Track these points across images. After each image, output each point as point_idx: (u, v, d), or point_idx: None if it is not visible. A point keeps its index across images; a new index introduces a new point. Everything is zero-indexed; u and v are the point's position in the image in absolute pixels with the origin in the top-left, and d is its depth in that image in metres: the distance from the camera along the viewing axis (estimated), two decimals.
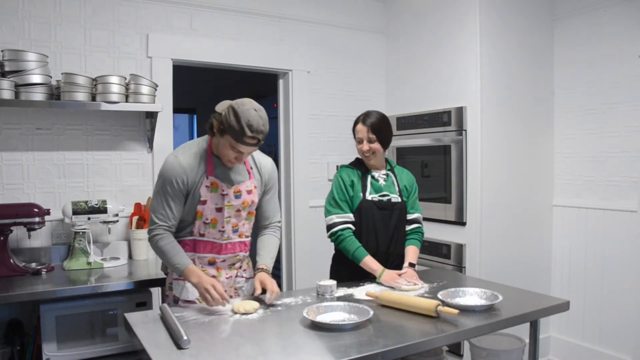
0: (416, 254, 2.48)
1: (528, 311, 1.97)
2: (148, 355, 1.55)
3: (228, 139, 1.94)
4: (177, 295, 2.10)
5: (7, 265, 2.55)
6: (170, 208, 2.03)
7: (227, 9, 3.38)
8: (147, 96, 2.86)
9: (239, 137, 1.91)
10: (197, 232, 2.10)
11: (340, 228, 2.38)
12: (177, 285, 2.11)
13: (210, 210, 2.06)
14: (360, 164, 2.50)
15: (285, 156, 3.74)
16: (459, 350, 3.24)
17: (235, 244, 2.16)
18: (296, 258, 3.68)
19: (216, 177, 2.06)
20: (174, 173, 2.01)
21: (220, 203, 2.07)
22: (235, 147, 1.95)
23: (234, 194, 2.09)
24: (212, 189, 2.05)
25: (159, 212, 2.04)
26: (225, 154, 2.00)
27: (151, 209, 2.07)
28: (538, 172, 3.55)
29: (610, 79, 3.25)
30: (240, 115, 1.90)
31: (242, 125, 1.89)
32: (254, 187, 2.16)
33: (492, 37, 3.28)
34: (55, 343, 2.38)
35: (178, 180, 2.01)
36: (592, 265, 3.38)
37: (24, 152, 2.84)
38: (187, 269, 1.99)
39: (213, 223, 2.08)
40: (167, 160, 2.06)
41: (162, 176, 2.04)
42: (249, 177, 2.16)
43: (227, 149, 1.98)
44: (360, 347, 1.59)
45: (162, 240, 2.03)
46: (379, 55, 4.02)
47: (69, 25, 2.92)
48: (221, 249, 2.12)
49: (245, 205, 2.13)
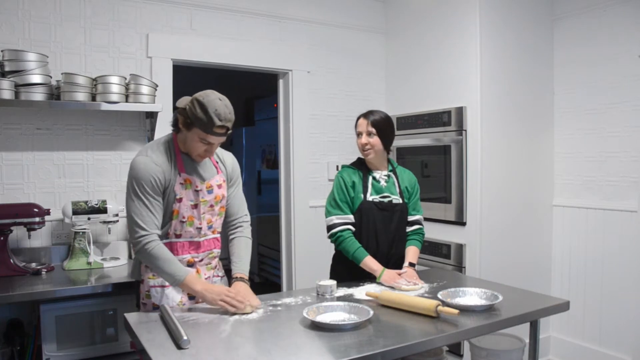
0: (416, 254, 2.48)
1: (528, 311, 1.97)
2: (148, 355, 1.55)
3: (197, 132, 1.93)
4: (157, 303, 2.02)
5: (7, 265, 2.55)
6: (154, 210, 1.95)
7: (227, 9, 3.38)
8: (147, 96, 2.86)
9: (208, 128, 1.90)
10: (172, 234, 2.04)
11: (340, 229, 2.38)
12: (156, 293, 2.03)
13: (187, 208, 2.03)
14: (362, 164, 2.50)
15: (285, 156, 3.74)
16: (459, 350, 3.24)
17: (210, 241, 2.14)
18: (296, 258, 3.68)
19: (187, 173, 2.04)
20: (151, 171, 1.94)
21: (195, 199, 2.04)
22: (205, 139, 1.94)
23: (206, 189, 2.07)
24: (186, 185, 2.02)
25: (143, 217, 1.93)
26: (195, 147, 1.98)
27: (132, 215, 1.94)
28: (538, 172, 3.55)
29: (610, 79, 3.25)
30: (207, 106, 1.89)
31: (210, 116, 1.88)
32: (223, 181, 2.16)
33: (492, 37, 3.28)
34: (55, 343, 2.38)
35: (155, 178, 1.95)
36: (592, 265, 3.38)
37: (24, 152, 2.84)
38: (188, 276, 1.94)
39: (190, 221, 2.05)
40: (138, 160, 1.97)
41: (138, 177, 1.94)
42: (217, 172, 2.15)
43: (196, 142, 1.96)
44: (360, 347, 1.59)
45: (157, 248, 1.93)
46: (378, 55, 4.02)
47: (69, 25, 2.92)
48: (199, 246, 2.09)
49: (217, 199, 2.12)
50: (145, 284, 2.06)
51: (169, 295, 2.03)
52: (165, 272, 1.95)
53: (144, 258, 1.97)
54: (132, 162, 2.00)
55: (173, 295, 2.03)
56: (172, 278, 1.94)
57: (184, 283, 1.94)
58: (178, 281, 1.94)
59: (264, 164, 5.79)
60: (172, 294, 2.03)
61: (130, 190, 1.96)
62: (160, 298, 2.03)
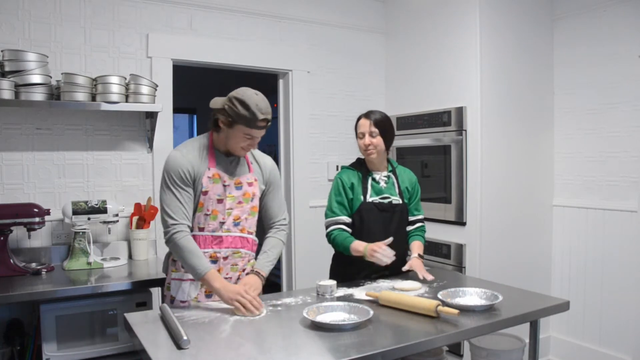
0: (421, 248, 2.51)
1: (528, 311, 1.97)
2: (148, 355, 1.55)
3: (240, 129, 1.99)
4: (174, 296, 2.09)
5: (7, 265, 2.55)
6: (184, 201, 2.02)
7: (227, 9, 3.38)
8: (147, 96, 2.86)
9: (252, 123, 1.97)
10: (196, 227, 2.09)
11: (332, 229, 2.41)
12: (175, 286, 2.10)
13: (212, 202, 2.07)
14: (362, 164, 2.50)
15: (285, 156, 3.75)
16: (459, 350, 3.24)
17: (236, 239, 2.14)
18: (296, 258, 3.68)
19: (217, 168, 2.09)
20: (180, 164, 2.03)
21: (221, 194, 2.08)
22: (249, 134, 2.00)
23: (235, 185, 2.11)
24: (214, 179, 2.07)
25: (173, 207, 2.01)
26: (237, 143, 2.04)
27: (163, 205, 2.03)
28: (538, 172, 3.55)
29: (610, 79, 3.25)
30: (247, 102, 1.96)
31: (252, 111, 1.95)
32: (255, 179, 2.18)
33: (492, 37, 3.28)
34: (55, 343, 2.38)
35: (185, 170, 2.02)
36: (592, 265, 3.38)
37: (24, 152, 2.84)
38: (210, 272, 1.97)
39: (214, 215, 2.08)
40: (170, 155, 2.08)
41: (169, 170, 2.04)
42: (249, 170, 2.18)
43: (239, 138, 2.02)
44: (360, 347, 1.59)
45: (185, 239, 1.99)
46: (378, 55, 4.02)
47: (69, 25, 2.92)
48: (221, 241, 2.11)
49: (247, 197, 2.14)
50: (169, 277, 2.13)
51: (185, 290, 2.08)
52: (189, 264, 1.98)
53: (171, 247, 2.03)
54: (167, 156, 2.10)
55: (190, 290, 2.07)
56: (194, 271, 1.98)
57: (205, 278, 1.97)
58: (199, 275, 1.97)
59: None
60: (189, 289, 2.07)
61: (162, 182, 2.06)
62: (177, 291, 2.08)
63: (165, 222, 2.02)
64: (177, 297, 2.09)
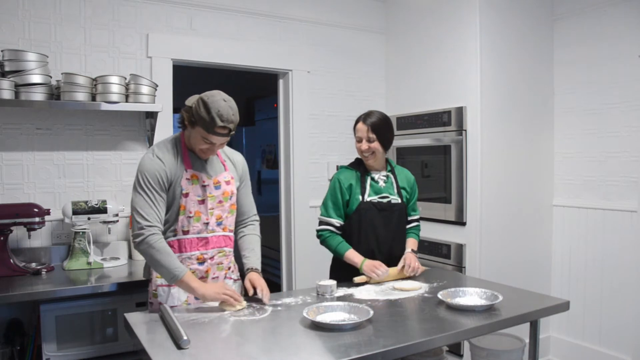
0: (416, 244, 2.56)
1: (528, 311, 1.97)
2: (148, 355, 1.55)
3: (199, 131, 1.96)
4: (163, 302, 2.02)
5: (7, 265, 2.55)
6: (157, 204, 1.97)
7: (227, 9, 3.38)
8: (147, 96, 2.86)
9: (210, 128, 1.93)
10: (180, 230, 2.05)
11: (322, 229, 2.44)
12: (163, 292, 2.05)
13: (193, 203, 2.05)
14: (360, 164, 2.50)
15: (285, 156, 3.74)
16: (459, 350, 3.24)
17: (220, 238, 2.13)
18: (296, 258, 3.68)
19: (194, 169, 2.07)
20: (155, 167, 1.98)
21: (202, 195, 2.06)
22: (206, 138, 1.96)
23: (214, 184, 2.09)
24: (193, 180, 2.05)
25: (147, 210, 1.95)
26: (197, 145, 2.02)
27: (136, 207, 1.96)
28: (538, 172, 3.55)
29: (610, 79, 3.25)
30: (210, 106, 1.91)
31: (212, 116, 1.91)
32: (231, 177, 2.17)
33: (492, 37, 3.28)
34: (55, 343, 2.38)
35: (160, 173, 1.98)
36: (592, 265, 3.38)
37: (24, 152, 2.84)
38: (188, 273, 1.94)
39: (197, 216, 2.06)
40: (144, 157, 2.03)
41: (145, 172, 1.98)
42: (225, 169, 2.17)
43: (199, 140, 1.99)
44: (360, 347, 1.59)
45: (158, 242, 1.93)
46: (379, 55, 4.02)
47: (69, 25, 2.92)
48: (207, 242, 2.09)
49: (227, 195, 2.13)
50: (153, 283, 2.08)
51: (175, 295, 2.04)
52: (165, 266, 1.92)
53: (144, 249, 1.94)
54: (140, 159, 2.05)
55: (179, 294, 2.04)
56: (171, 273, 1.91)
57: (183, 279, 1.92)
58: (178, 277, 1.91)
59: (264, 164, 5.80)
60: (178, 293, 2.04)
61: (136, 184, 2.00)
62: (167, 297, 2.04)
63: (138, 223, 1.94)
64: (167, 304, 2.02)
